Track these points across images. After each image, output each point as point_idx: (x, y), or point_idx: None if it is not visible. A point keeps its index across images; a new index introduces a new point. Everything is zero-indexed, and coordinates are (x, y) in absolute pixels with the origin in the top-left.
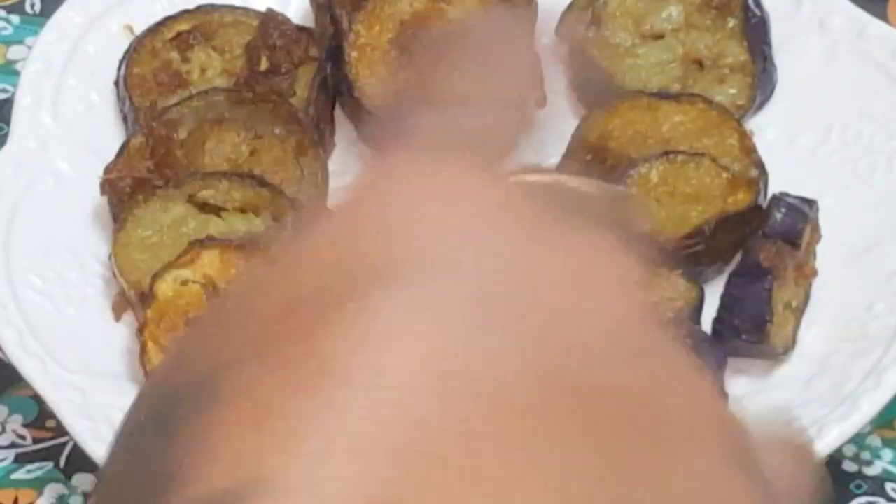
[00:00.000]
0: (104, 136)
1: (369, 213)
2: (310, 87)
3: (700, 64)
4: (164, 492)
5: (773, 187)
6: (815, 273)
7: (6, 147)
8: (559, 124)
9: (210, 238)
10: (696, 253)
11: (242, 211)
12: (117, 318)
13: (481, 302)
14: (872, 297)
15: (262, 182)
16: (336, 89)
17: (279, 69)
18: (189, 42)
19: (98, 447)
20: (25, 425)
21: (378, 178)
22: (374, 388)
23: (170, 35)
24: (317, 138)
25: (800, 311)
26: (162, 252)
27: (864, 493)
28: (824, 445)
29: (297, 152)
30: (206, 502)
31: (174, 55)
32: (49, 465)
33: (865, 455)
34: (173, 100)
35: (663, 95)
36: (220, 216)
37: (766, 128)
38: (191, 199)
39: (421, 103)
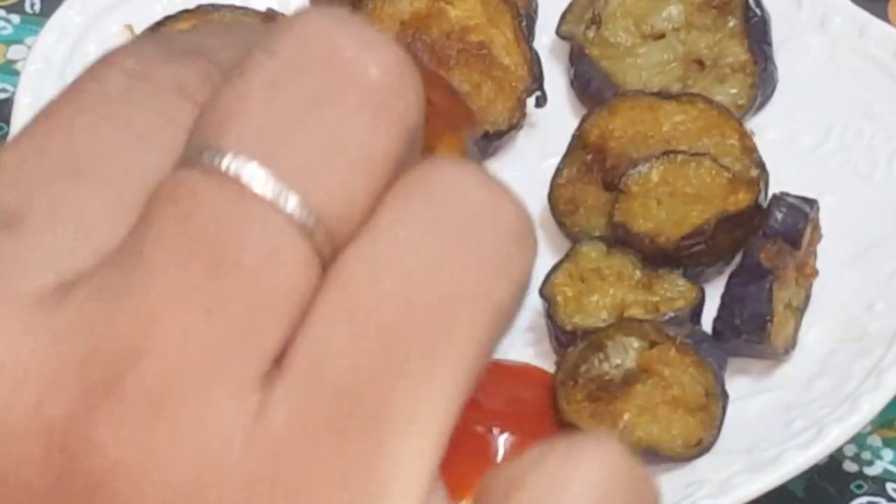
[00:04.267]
0: None
1: None
2: None
3: (700, 63)
4: None
5: (774, 187)
6: (815, 273)
7: None
8: (559, 124)
9: None
10: (696, 253)
11: None
12: None
13: None
14: (873, 296)
15: None
16: None
17: None
18: None
19: None
20: None
21: None
22: None
23: None
24: None
25: (800, 311)
26: None
27: (865, 493)
28: (825, 445)
29: None
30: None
31: None
32: None
33: (866, 455)
34: None
35: (664, 95)
36: None
37: (766, 127)
38: None
39: None
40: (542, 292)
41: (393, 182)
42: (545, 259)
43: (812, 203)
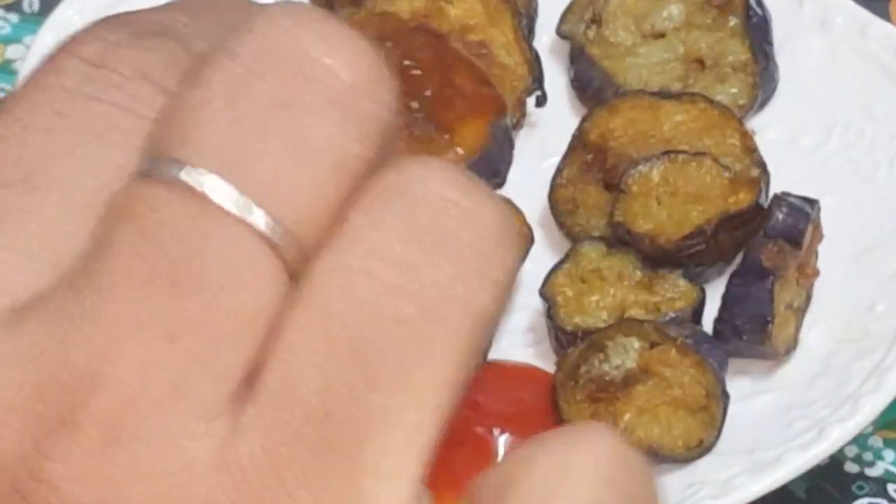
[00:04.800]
0: None
1: None
2: None
3: (701, 63)
4: None
5: (775, 187)
6: (816, 273)
7: None
8: (559, 124)
9: None
10: (697, 253)
11: None
12: None
13: None
14: (874, 297)
15: None
16: None
17: None
18: None
19: None
20: None
21: None
22: None
23: None
24: None
25: (801, 312)
26: None
27: (866, 495)
28: (826, 446)
29: None
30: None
31: None
32: None
33: (867, 456)
34: None
35: (664, 95)
36: None
37: (767, 127)
38: None
39: None
40: (542, 292)
41: (364, 184)
42: (545, 259)
43: (813, 203)
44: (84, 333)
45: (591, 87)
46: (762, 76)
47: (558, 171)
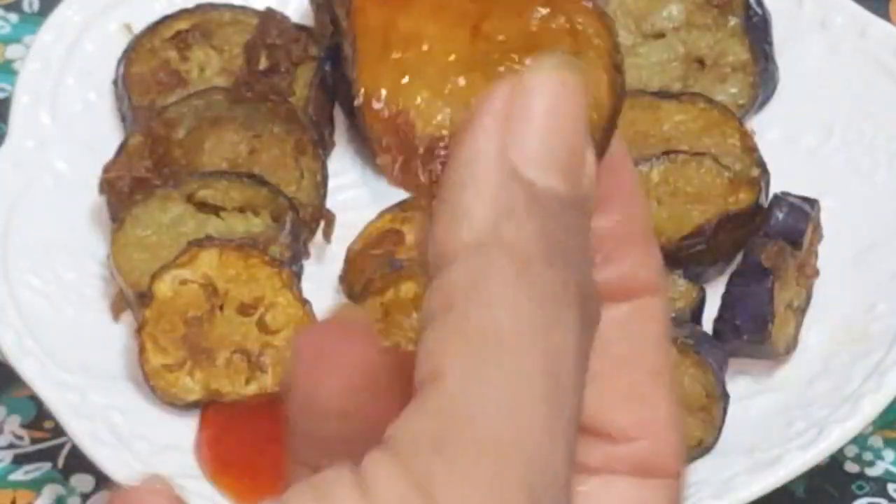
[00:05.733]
0: (102, 135)
1: None
2: (309, 87)
3: (701, 63)
4: None
5: (775, 187)
6: (816, 273)
7: (4, 146)
8: None
9: (209, 238)
10: (697, 253)
11: (241, 210)
12: (116, 318)
13: None
14: (874, 297)
15: (260, 181)
16: (335, 88)
17: (278, 68)
18: (188, 41)
19: (96, 448)
20: (23, 426)
21: None
22: None
23: (168, 34)
24: (316, 137)
25: (801, 312)
26: (160, 252)
27: (866, 494)
28: (826, 446)
29: (296, 152)
30: None
31: (173, 54)
32: (47, 465)
33: (867, 456)
34: (172, 99)
35: (664, 94)
36: (218, 216)
37: (767, 127)
38: (189, 199)
39: None
40: None
41: None
42: None
43: (813, 203)
44: None
45: None
46: (762, 76)
47: None
